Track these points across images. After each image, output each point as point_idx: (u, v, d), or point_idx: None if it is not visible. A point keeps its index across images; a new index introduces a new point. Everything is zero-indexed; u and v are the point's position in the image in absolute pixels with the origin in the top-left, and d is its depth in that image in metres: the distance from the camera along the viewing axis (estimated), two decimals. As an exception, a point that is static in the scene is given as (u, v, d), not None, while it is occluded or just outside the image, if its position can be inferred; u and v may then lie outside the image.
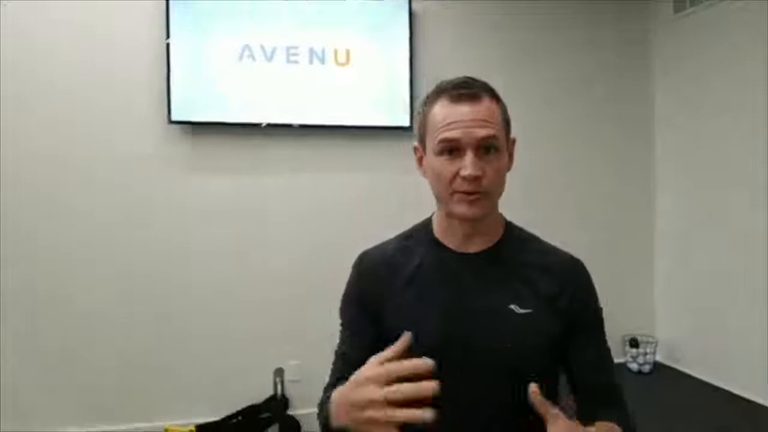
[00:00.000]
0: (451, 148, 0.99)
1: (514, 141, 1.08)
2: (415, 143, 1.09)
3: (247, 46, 2.76)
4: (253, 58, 2.77)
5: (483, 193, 0.99)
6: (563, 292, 1.03)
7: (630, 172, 3.36)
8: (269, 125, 2.82)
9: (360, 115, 2.89)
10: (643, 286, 3.37)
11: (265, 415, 2.81)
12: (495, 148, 0.99)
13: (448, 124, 0.98)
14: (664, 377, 3.02)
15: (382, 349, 1.07)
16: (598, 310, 1.09)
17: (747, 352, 2.73)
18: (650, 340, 3.13)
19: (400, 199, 2.90)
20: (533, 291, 1.02)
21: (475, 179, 0.97)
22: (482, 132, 0.97)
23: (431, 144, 1.02)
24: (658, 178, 3.34)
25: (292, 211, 2.92)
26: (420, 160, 1.09)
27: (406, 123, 2.90)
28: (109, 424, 2.73)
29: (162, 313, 2.80)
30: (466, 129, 0.97)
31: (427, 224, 1.13)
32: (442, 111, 1.00)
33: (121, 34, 2.71)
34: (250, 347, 2.88)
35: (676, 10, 3.17)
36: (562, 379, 1.08)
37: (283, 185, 2.92)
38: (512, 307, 1.00)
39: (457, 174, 0.98)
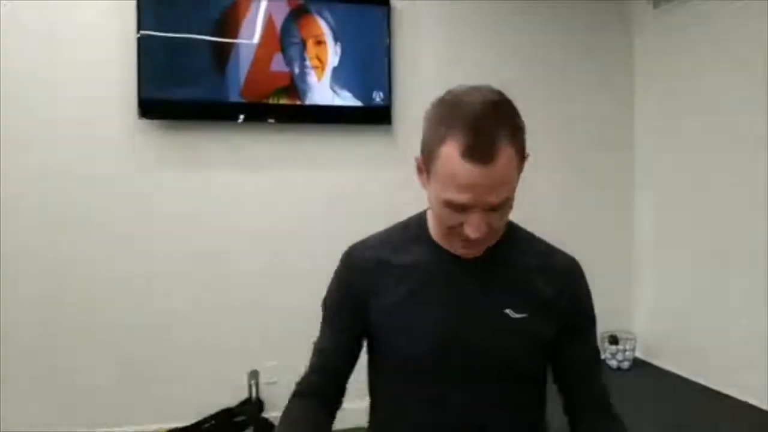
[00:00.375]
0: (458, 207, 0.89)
1: (527, 158, 0.96)
2: (417, 157, 0.95)
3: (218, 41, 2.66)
4: (229, 51, 2.67)
5: (486, 240, 0.94)
6: (560, 295, 1.00)
7: (609, 171, 3.34)
8: (245, 119, 2.74)
9: (336, 97, 2.81)
10: (622, 282, 3.37)
11: (240, 418, 2.72)
12: (506, 202, 0.90)
13: (458, 185, 0.86)
14: (644, 374, 3.02)
15: (361, 345, 1.04)
16: (592, 314, 1.06)
17: (726, 348, 2.74)
18: (629, 336, 3.13)
19: (386, 196, 2.85)
20: (530, 294, 0.98)
21: (478, 240, 0.91)
22: (495, 199, 0.87)
23: (435, 186, 0.90)
24: (637, 176, 3.34)
25: (267, 208, 2.84)
26: (420, 171, 0.96)
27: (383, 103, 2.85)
28: (76, 427, 2.61)
29: (130, 315, 2.69)
30: (477, 196, 0.86)
31: (422, 222, 1.06)
32: (451, 164, 0.85)
33: (91, 26, 2.60)
34: (223, 349, 2.79)
35: (655, 6, 3.16)
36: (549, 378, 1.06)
37: (259, 181, 2.84)
38: (507, 311, 0.97)
39: (460, 225, 0.90)
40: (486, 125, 0.84)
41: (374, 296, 0.99)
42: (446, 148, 0.86)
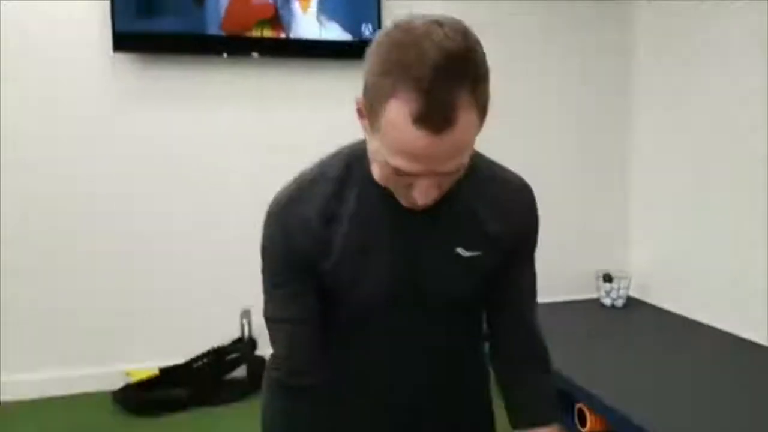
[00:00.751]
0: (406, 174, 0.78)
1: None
2: (359, 98, 0.78)
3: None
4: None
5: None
6: (510, 228, 0.94)
7: (606, 105, 3.24)
8: (226, 53, 2.63)
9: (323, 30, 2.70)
10: (617, 220, 3.32)
11: (233, 356, 2.75)
12: (460, 167, 0.79)
13: (407, 154, 0.73)
14: (638, 312, 3.01)
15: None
16: (535, 240, 1.01)
17: (722, 286, 2.71)
18: (623, 275, 3.10)
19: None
20: (481, 232, 0.92)
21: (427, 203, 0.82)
22: (449, 167, 0.75)
23: (380, 146, 0.76)
24: (634, 111, 3.23)
25: (253, 147, 2.78)
26: (361, 115, 0.80)
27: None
28: (70, 368, 2.65)
29: (124, 255, 2.69)
30: (430, 166, 0.74)
31: (361, 158, 0.89)
32: (400, 129, 0.71)
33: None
34: (215, 289, 2.79)
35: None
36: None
37: (244, 120, 2.76)
38: (459, 250, 0.91)
39: (407, 188, 0.80)
40: (444, 84, 0.68)
41: (318, 254, 0.89)
42: (394, 107, 0.70)
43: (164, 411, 2.49)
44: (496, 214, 0.93)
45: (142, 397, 2.53)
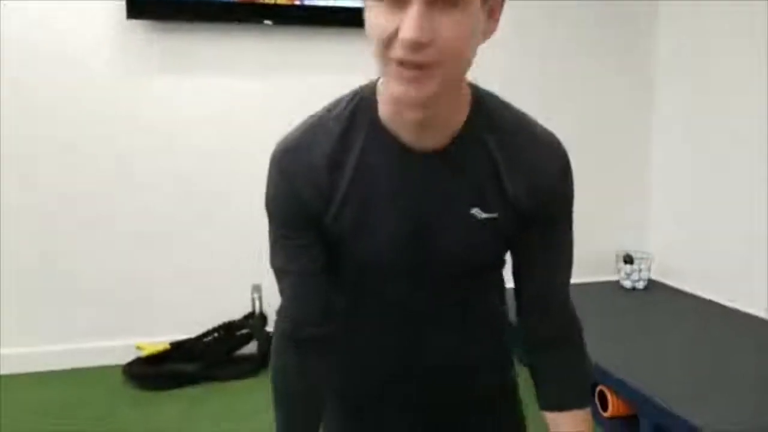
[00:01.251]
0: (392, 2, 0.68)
1: None
2: None
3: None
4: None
5: (429, 67, 0.68)
6: (533, 189, 0.84)
7: (627, 81, 3.12)
8: (239, 20, 2.55)
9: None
10: (638, 199, 3.22)
11: (243, 331, 2.70)
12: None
13: None
14: (659, 294, 2.92)
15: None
16: (568, 207, 0.91)
17: (747, 269, 2.62)
18: (645, 256, 3.01)
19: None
20: (499, 190, 0.83)
21: (417, 46, 0.67)
22: None
23: None
24: (656, 87, 3.11)
25: (265, 115, 2.70)
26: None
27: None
28: (79, 342, 2.62)
29: (133, 228, 2.63)
30: None
31: (369, 99, 0.83)
32: None
33: None
34: (226, 263, 2.74)
35: None
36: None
37: (257, 88, 2.69)
38: (474, 211, 0.83)
39: (396, 33, 0.68)
40: None
41: (321, 203, 0.84)
42: None
43: (174, 385, 2.46)
44: (517, 171, 0.83)
45: (153, 371, 2.50)
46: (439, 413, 1.01)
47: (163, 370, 2.51)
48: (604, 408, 2.14)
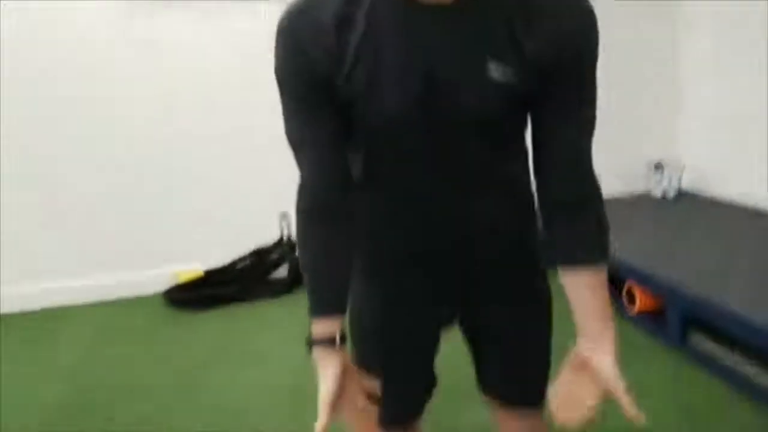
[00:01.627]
0: None
1: None
2: None
3: None
4: None
5: None
6: (554, 41, 0.80)
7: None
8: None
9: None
10: (669, 107, 3.11)
11: (274, 257, 2.77)
12: None
13: None
14: (690, 202, 2.86)
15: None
16: (592, 62, 0.87)
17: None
18: (676, 164, 2.94)
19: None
20: (517, 50, 0.80)
21: None
22: None
23: None
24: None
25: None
26: None
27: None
28: (117, 271, 2.73)
29: (166, 160, 2.71)
30: None
31: None
32: None
33: None
34: (255, 192, 2.79)
35: None
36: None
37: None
38: (489, 65, 0.80)
39: None
40: None
41: (331, 65, 0.82)
42: None
43: (210, 307, 2.55)
44: (536, 22, 0.79)
45: (190, 295, 2.60)
46: (464, 277, 1.01)
47: (200, 295, 2.61)
48: (632, 303, 2.14)
